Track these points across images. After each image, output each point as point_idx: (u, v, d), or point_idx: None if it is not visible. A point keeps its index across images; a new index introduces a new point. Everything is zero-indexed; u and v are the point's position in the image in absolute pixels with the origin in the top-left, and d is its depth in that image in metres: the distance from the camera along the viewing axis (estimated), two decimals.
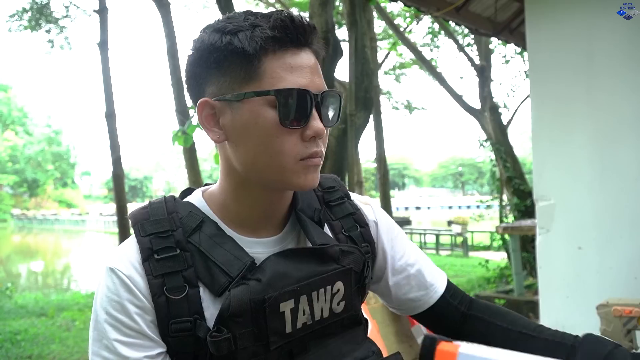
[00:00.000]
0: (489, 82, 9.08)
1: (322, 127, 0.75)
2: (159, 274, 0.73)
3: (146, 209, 0.79)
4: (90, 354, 0.75)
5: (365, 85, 5.03)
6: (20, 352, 4.98)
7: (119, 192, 9.07)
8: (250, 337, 0.71)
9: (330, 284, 0.78)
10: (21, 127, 57.29)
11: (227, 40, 0.72)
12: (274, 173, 0.75)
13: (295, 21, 0.73)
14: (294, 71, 0.73)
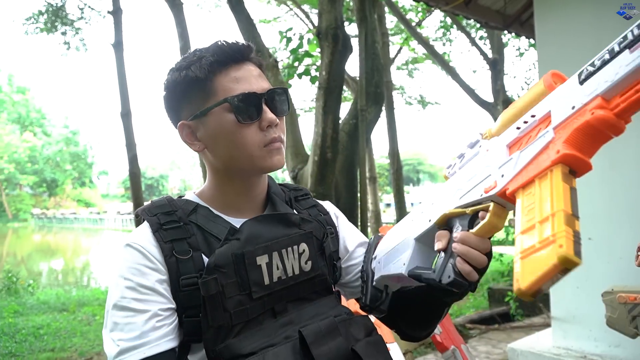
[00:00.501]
0: (502, 75, 9.05)
1: (274, 117, 0.94)
2: (168, 240, 0.91)
3: (150, 202, 0.99)
4: (107, 316, 0.87)
5: (375, 80, 5.07)
6: (43, 345, 5.12)
7: (135, 190, 9.21)
8: (235, 287, 0.89)
9: (295, 244, 0.97)
10: (39, 128, 58.14)
11: (183, 74, 0.94)
12: (245, 162, 0.95)
13: (231, 45, 0.95)
14: (239, 81, 0.94)
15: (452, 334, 1.74)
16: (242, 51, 0.96)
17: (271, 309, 0.93)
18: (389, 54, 11.28)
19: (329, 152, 4.11)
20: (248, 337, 0.89)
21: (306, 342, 0.88)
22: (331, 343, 0.90)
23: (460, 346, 1.72)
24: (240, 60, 0.96)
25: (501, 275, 7.18)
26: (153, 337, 0.84)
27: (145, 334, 0.84)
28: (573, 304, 3.14)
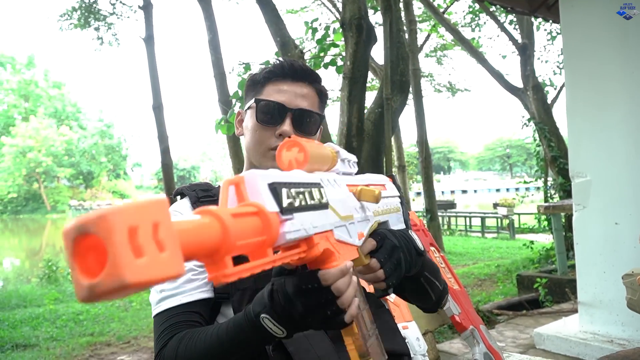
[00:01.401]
0: (532, 61, 8.87)
1: (289, 131, 1.07)
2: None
3: (186, 184, 1.15)
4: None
5: (401, 68, 5.08)
6: (82, 330, 5.35)
7: (168, 181, 9.45)
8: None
9: None
10: (75, 122, 59.60)
11: (252, 76, 1.16)
12: (257, 156, 1.12)
13: (292, 65, 1.12)
14: (280, 92, 1.10)
15: (470, 314, 1.79)
16: (298, 72, 1.12)
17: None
18: (417, 41, 11.19)
19: (354, 141, 4.17)
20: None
21: None
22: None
23: (479, 326, 1.77)
24: (296, 79, 1.12)
25: (531, 262, 7.13)
26: (188, 287, 0.98)
27: (182, 285, 0.98)
28: (599, 289, 3.14)
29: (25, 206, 54.37)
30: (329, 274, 0.71)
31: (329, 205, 0.74)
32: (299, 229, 0.64)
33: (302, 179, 0.71)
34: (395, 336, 1.09)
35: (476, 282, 6.83)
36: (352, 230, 0.82)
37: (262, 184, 0.61)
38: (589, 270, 3.21)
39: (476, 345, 1.72)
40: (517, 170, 76.24)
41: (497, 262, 8.60)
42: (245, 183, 0.61)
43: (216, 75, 7.28)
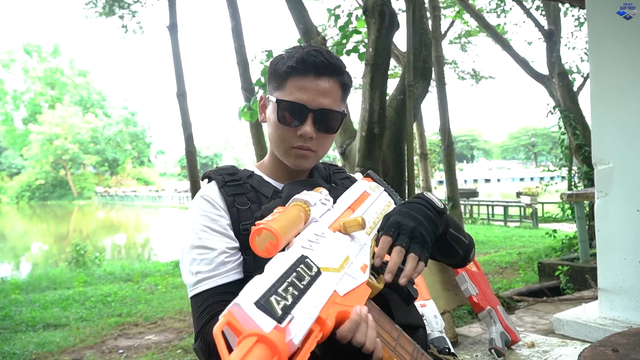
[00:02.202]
0: (558, 47, 8.73)
1: (310, 132, 1.09)
2: (231, 194, 1.12)
3: (214, 168, 1.21)
4: (184, 255, 1.10)
5: (423, 55, 5.07)
6: (111, 311, 5.52)
7: (192, 168, 9.57)
8: None
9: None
10: (100, 110, 60.55)
11: (277, 61, 1.14)
12: (279, 152, 1.16)
13: (316, 59, 1.09)
14: (302, 90, 1.09)
15: (488, 295, 1.84)
16: (320, 67, 1.09)
17: None
18: (441, 28, 11.08)
19: (376, 128, 4.19)
20: None
21: None
22: None
23: (496, 307, 1.82)
24: (319, 75, 1.10)
25: (554, 250, 7.09)
26: (223, 269, 1.05)
27: (217, 267, 1.05)
28: (620, 276, 3.14)
29: (53, 192, 55.59)
30: (344, 332, 0.75)
31: (321, 269, 0.76)
32: (304, 322, 0.65)
33: (285, 265, 0.72)
34: (411, 309, 1.14)
35: (497, 270, 6.83)
36: (354, 271, 0.85)
37: (249, 307, 0.61)
38: (609, 257, 3.21)
39: (493, 325, 1.77)
40: (542, 160, 74.94)
41: (519, 250, 8.57)
42: (234, 316, 0.61)
43: (239, 63, 7.33)
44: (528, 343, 1.79)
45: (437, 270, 1.91)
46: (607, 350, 1.13)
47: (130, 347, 4.11)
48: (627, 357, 1.09)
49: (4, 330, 4.88)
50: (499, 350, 1.69)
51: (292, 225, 0.83)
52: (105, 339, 4.39)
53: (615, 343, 1.17)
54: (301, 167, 1.16)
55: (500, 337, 1.73)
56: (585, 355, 1.10)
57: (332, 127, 1.14)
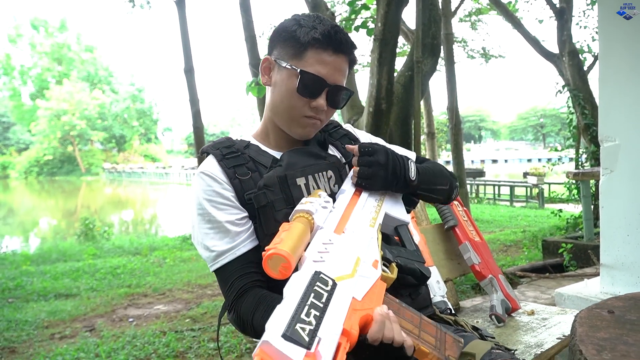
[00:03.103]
0: (569, 26, 8.63)
1: (324, 105, 1.14)
2: (231, 166, 1.15)
3: (210, 142, 1.23)
4: (196, 232, 1.14)
5: (432, 31, 5.05)
6: (120, 282, 5.63)
7: (199, 144, 9.58)
8: (282, 202, 1.10)
9: (324, 170, 1.17)
10: (107, 86, 60.50)
11: (294, 28, 1.13)
12: (285, 120, 1.18)
13: (338, 36, 1.12)
14: (322, 64, 1.12)
15: (490, 264, 1.88)
16: (342, 45, 1.13)
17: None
18: (450, 5, 10.95)
19: (383, 103, 4.21)
20: None
21: None
22: None
23: (497, 275, 1.86)
24: (338, 51, 1.13)
25: (558, 229, 7.12)
26: (239, 239, 1.10)
27: (232, 238, 1.09)
28: (622, 252, 3.17)
29: (61, 168, 55.97)
30: (374, 335, 0.80)
31: (336, 280, 0.79)
32: (331, 340, 0.68)
33: (301, 287, 0.74)
34: None
35: (501, 248, 6.87)
36: (366, 270, 0.88)
37: (278, 342, 0.63)
38: (612, 233, 3.24)
39: (494, 293, 1.81)
40: (550, 141, 74.46)
41: (523, 229, 8.61)
42: (266, 354, 0.62)
43: (247, 38, 7.31)
44: (528, 311, 1.84)
45: (440, 239, 1.95)
46: (603, 311, 1.17)
47: (140, 316, 4.21)
48: (622, 318, 1.13)
49: (16, 299, 5.00)
50: (499, 316, 1.74)
51: (300, 242, 0.86)
52: (115, 308, 4.49)
53: (612, 306, 1.21)
54: (307, 136, 1.20)
55: (501, 304, 1.77)
56: (582, 315, 1.14)
57: (340, 103, 1.20)
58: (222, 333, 3.41)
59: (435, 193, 1.23)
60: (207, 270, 5.99)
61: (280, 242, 0.83)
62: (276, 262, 0.81)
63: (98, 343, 3.33)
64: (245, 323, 1.04)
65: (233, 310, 1.07)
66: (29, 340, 3.64)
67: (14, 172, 56.15)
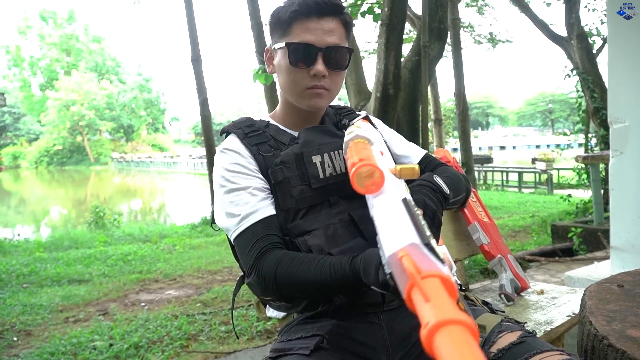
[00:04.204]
0: (577, 8, 8.53)
1: (322, 69, 1.13)
2: (254, 144, 1.18)
3: (231, 122, 1.26)
4: (220, 206, 1.14)
5: (439, 15, 5.01)
6: (131, 268, 5.69)
7: (207, 132, 9.61)
8: (298, 179, 1.12)
9: (339, 148, 1.17)
10: (115, 76, 60.63)
11: (276, 12, 1.18)
12: (293, 96, 1.19)
13: (317, 0, 1.12)
14: (308, 31, 1.13)
15: (499, 244, 1.89)
16: (322, 7, 1.13)
17: (327, 200, 1.14)
18: None
19: (390, 89, 4.19)
20: (311, 219, 1.12)
21: (355, 221, 1.12)
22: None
23: (506, 255, 1.87)
24: (321, 15, 1.13)
25: (568, 214, 7.11)
26: (262, 205, 1.10)
27: (256, 203, 1.10)
28: (632, 234, 3.17)
29: (70, 158, 56.37)
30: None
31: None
32: (448, 256, 0.67)
33: (402, 209, 0.73)
34: None
35: (510, 234, 6.87)
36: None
37: (423, 249, 0.61)
38: (622, 215, 3.23)
39: (503, 272, 1.83)
40: (559, 127, 73.79)
41: (532, 214, 8.59)
42: (409, 255, 0.60)
43: (253, 26, 7.26)
44: (537, 290, 1.85)
45: (449, 220, 1.96)
46: (612, 285, 1.18)
47: (152, 300, 4.26)
48: (632, 291, 1.14)
49: (30, 285, 5.08)
50: (509, 295, 1.75)
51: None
52: (127, 293, 4.55)
53: (621, 280, 1.22)
54: (317, 106, 1.20)
55: (510, 284, 1.79)
56: (591, 289, 1.15)
57: (342, 64, 1.18)
58: (235, 316, 3.45)
59: (456, 204, 1.25)
60: (217, 257, 6.05)
61: (369, 159, 0.84)
62: (366, 177, 0.81)
63: (112, 326, 3.38)
64: (268, 280, 1.02)
65: (254, 270, 1.04)
66: (44, 324, 3.70)
67: (25, 162, 56.63)
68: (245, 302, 3.76)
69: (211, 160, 9.51)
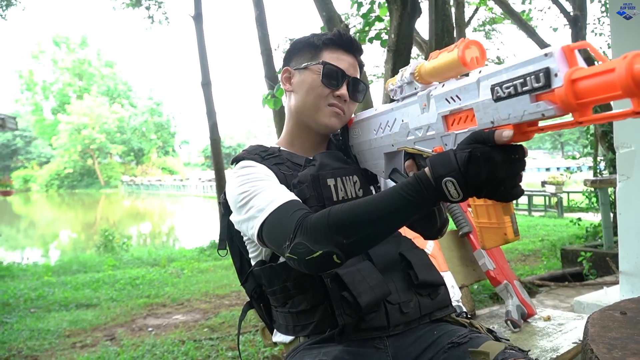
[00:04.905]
0: (583, 33, 8.61)
1: (347, 94, 1.24)
2: (272, 164, 1.21)
3: (242, 150, 1.27)
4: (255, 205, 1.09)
5: (445, 41, 5.06)
6: (139, 292, 5.70)
7: (216, 156, 9.75)
8: (314, 200, 1.15)
9: (350, 174, 1.23)
10: (126, 100, 61.41)
11: (306, 38, 1.29)
12: (311, 112, 1.25)
13: (347, 37, 1.26)
14: (339, 60, 1.24)
15: (505, 270, 1.90)
16: (351, 46, 1.27)
17: None
18: (464, 15, 10.97)
19: None
20: None
21: None
22: (383, 247, 1.17)
23: (512, 281, 1.87)
24: (349, 51, 1.26)
25: (577, 238, 7.05)
26: (287, 191, 1.10)
27: (281, 192, 1.09)
28: None
29: (81, 181, 56.77)
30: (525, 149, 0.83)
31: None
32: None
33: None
34: (431, 269, 1.22)
35: (520, 258, 6.82)
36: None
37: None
38: (631, 240, 3.21)
39: (509, 298, 1.82)
40: (568, 149, 73.44)
41: (542, 237, 8.53)
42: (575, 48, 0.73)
43: (263, 52, 7.41)
44: (544, 317, 1.85)
45: (455, 246, 1.97)
46: (615, 313, 1.18)
47: (159, 325, 4.26)
48: (634, 319, 1.14)
49: (38, 309, 5.10)
50: (515, 321, 1.75)
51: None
52: (135, 318, 4.55)
53: (624, 307, 1.22)
54: (333, 126, 1.25)
55: (517, 310, 1.78)
56: (594, 317, 1.15)
57: (359, 97, 1.29)
58: (240, 342, 3.44)
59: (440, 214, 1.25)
60: (225, 281, 6.05)
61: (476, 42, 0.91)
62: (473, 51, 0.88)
63: (119, 352, 3.38)
64: (320, 224, 0.96)
65: (299, 228, 0.97)
66: (51, 349, 3.71)
67: (35, 185, 57.09)
68: (252, 327, 3.75)
69: (220, 184, 9.57)
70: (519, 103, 0.76)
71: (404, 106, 1.06)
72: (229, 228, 1.30)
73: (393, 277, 1.17)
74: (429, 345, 1.14)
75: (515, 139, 0.79)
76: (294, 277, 1.15)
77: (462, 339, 1.12)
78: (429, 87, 0.99)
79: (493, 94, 0.80)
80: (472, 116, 0.86)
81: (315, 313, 1.14)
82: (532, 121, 0.77)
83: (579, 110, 0.71)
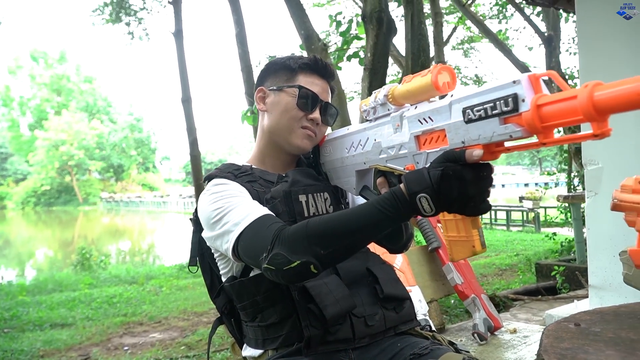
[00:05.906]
0: (557, 52, 8.86)
1: (318, 118, 1.28)
2: (245, 182, 1.22)
3: (215, 169, 1.29)
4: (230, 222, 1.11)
5: (421, 60, 5.19)
6: (116, 311, 5.64)
7: (196, 172, 9.73)
8: (286, 215, 1.18)
9: (321, 191, 1.27)
10: (106, 116, 60.84)
11: (283, 60, 1.31)
12: (284, 133, 1.27)
13: (322, 64, 1.31)
14: (313, 85, 1.28)
15: (472, 284, 1.95)
16: (325, 71, 1.32)
17: None
18: (442, 34, 11.21)
19: None
20: None
21: None
22: (350, 262, 1.20)
23: (480, 295, 1.92)
24: (323, 76, 1.31)
25: (553, 252, 7.18)
26: (261, 207, 1.13)
27: (255, 207, 1.12)
28: (610, 273, 3.23)
29: (58, 198, 55.79)
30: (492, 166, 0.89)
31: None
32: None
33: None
34: (397, 284, 1.26)
35: (497, 272, 6.91)
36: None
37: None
38: (599, 254, 3.30)
39: (477, 312, 1.87)
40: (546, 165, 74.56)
41: (521, 253, 8.65)
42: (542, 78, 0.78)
43: (243, 69, 7.48)
44: (510, 329, 1.90)
45: (425, 261, 2.02)
46: (570, 324, 1.23)
47: (135, 344, 4.22)
48: (586, 330, 1.19)
49: (11, 330, 5.01)
50: (482, 334, 1.80)
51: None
52: (110, 337, 4.50)
53: (579, 319, 1.28)
54: (304, 148, 1.29)
55: (483, 323, 1.83)
56: (550, 328, 1.20)
57: (330, 120, 1.33)
58: (218, 359, 3.44)
59: (407, 229, 1.31)
60: (204, 298, 6.01)
61: (448, 68, 0.95)
62: (444, 77, 0.93)
63: None
64: (298, 235, 0.99)
65: (276, 239, 1.00)
66: None
67: (11, 202, 55.98)
68: (228, 343, 3.74)
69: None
70: (489, 125, 0.82)
71: (376, 126, 1.12)
72: (199, 244, 1.33)
73: (359, 290, 1.21)
74: (392, 357, 1.18)
75: (484, 158, 0.85)
76: (263, 290, 1.18)
77: (423, 350, 1.16)
78: (401, 108, 1.05)
79: (465, 116, 0.86)
80: (444, 136, 0.92)
81: (285, 326, 1.17)
82: (500, 142, 0.83)
83: (544, 132, 0.77)
